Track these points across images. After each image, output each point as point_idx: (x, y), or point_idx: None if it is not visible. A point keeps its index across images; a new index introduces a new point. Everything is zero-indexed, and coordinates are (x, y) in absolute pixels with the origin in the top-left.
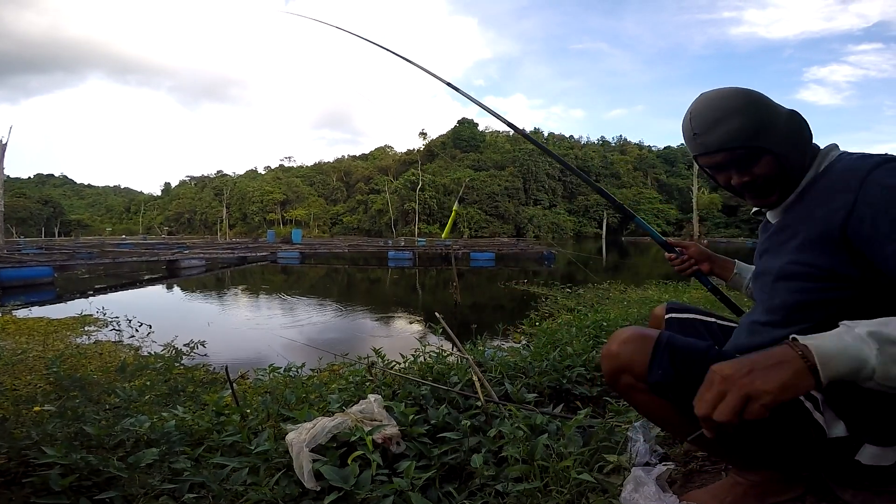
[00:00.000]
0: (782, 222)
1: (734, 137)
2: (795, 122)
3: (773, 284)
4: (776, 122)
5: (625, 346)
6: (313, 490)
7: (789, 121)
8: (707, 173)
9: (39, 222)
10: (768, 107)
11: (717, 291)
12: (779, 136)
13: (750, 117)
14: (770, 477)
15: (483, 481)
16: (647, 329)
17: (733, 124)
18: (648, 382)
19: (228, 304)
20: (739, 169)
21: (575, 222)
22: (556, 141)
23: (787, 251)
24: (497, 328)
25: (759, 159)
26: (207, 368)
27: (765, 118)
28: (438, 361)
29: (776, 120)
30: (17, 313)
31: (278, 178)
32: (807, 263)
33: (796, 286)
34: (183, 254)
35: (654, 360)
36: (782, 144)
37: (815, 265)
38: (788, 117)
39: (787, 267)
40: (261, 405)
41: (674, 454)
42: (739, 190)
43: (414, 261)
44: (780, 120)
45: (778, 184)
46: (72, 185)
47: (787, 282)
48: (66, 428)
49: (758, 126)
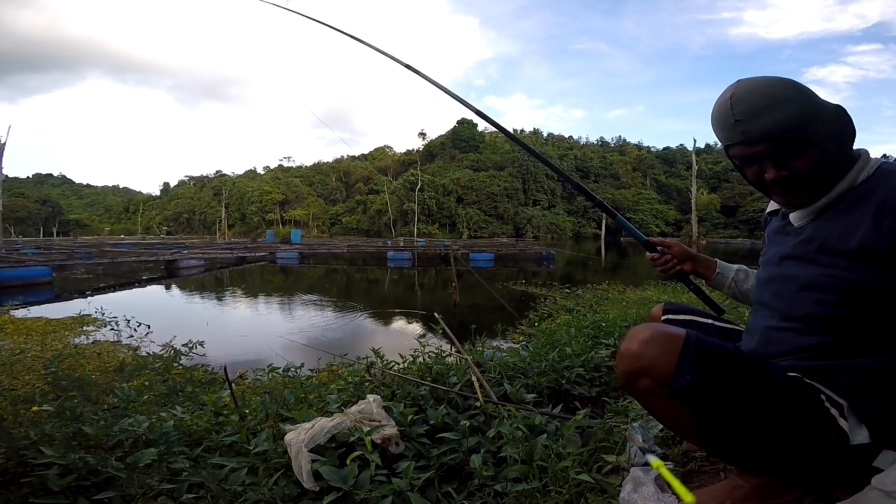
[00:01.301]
0: (816, 229)
1: (782, 128)
2: (842, 118)
3: (798, 293)
4: (825, 116)
5: (648, 347)
6: (312, 490)
7: (836, 116)
8: (735, 164)
9: (38, 222)
10: (816, 99)
11: (699, 292)
12: (826, 130)
13: (800, 108)
14: (772, 480)
15: (482, 481)
16: (672, 327)
17: (783, 113)
18: (674, 389)
19: (227, 305)
20: (778, 162)
21: (574, 223)
22: (556, 141)
23: (822, 262)
24: (496, 328)
25: (804, 153)
26: (206, 369)
27: (814, 110)
28: (437, 362)
29: (824, 114)
30: (15, 313)
31: (277, 178)
32: (843, 278)
33: (826, 297)
34: (182, 254)
35: (681, 363)
36: (829, 140)
37: (852, 281)
38: (836, 112)
39: (820, 278)
40: (259, 405)
41: (672, 454)
42: (769, 185)
43: (413, 261)
44: (829, 114)
45: (815, 182)
46: (70, 184)
47: (815, 292)
48: (64, 428)
49: (807, 118)
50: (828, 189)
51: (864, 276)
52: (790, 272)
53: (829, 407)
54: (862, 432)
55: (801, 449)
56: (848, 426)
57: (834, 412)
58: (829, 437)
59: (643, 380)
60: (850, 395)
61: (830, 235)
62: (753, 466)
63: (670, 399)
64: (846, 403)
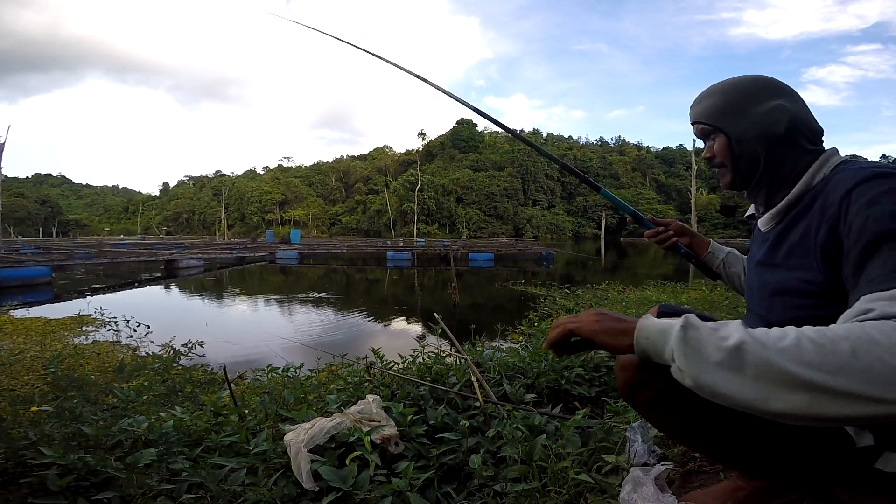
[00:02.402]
0: (779, 234)
1: (702, 114)
2: (773, 116)
3: (770, 299)
4: (748, 111)
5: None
6: (311, 490)
7: (766, 113)
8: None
9: (37, 222)
10: (752, 95)
11: (690, 256)
12: (743, 122)
13: (726, 100)
14: (772, 482)
15: (482, 482)
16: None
17: (710, 102)
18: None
19: (226, 305)
20: (705, 144)
21: (574, 223)
22: (556, 141)
23: (782, 266)
24: (496, 328)
25: (713, 139)
26: (205, 369)
27: (738, 103)
28: (437, 362)
29: (751, 108)
30: (14, 313)
31: (277, 178)
32: (802, 279)
33: (792, 302)
34: (181, 254)
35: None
36: (743, 132)
37: (810, 281)
38: (768, 110)
39: (787, 282)
40: (259, 406)
41: (672, 455)
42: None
43: (413, 261)
44: (757, 109)
45: (731, 170)
46: (70, 184)
47: (782, 297)
48: (63, 428)
49: (726, 109)
50: (782, 188)
51: (819, 275)
52: (763, 278)
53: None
54: (867, 435)
55: (803, 452)
56: (853, 430)
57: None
58: (833, 441)
59: (645, 392)
60: None
61: (792, 239)
62: (755, 471)
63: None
64: None
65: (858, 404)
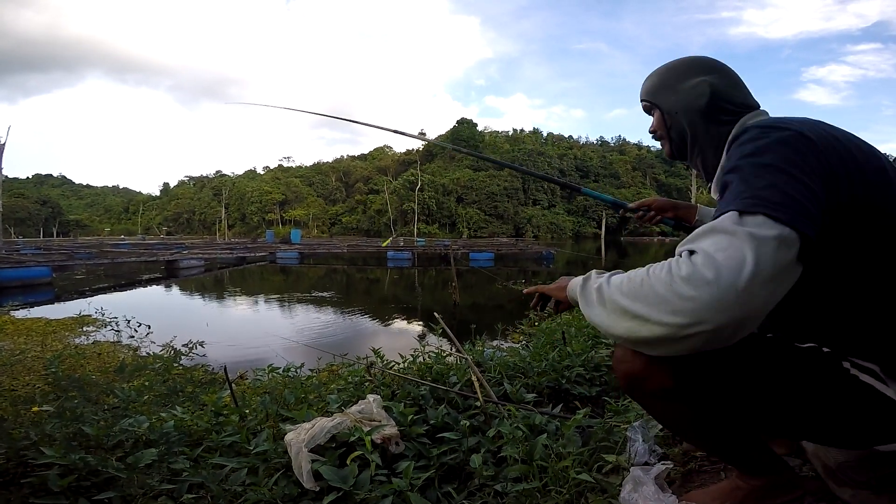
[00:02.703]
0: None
1: (643, 92)
2: (696, 91)
3: None
4: (677, 87)
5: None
6: (312, 490)
7: (691, 89)
8: None
9: (38, 222)
10: (681, 73)
11: (681, 227)
12: (672, 97)
13: (660, 78)
14: (772, 481)
15: (482, 481)
16: None
17: (650, 82)
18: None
19: (227, 305)
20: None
21: (574, 222)
22: (556, 141)
23: None
24: (496, 328)
25: (651, 114)
26: (206, 369)
27: (669, 80)
28: (437, 361)
29: (679, 85)
30: (15, 314)
31: (277, 178)
32: None
33: None
34: (182, 254)
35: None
36: (672, 106)
37: None
38: (692, 86)
39: None
40: (260, 405)
41: (672, 454)
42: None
43: (413, 261)
44: (684, 86)
45: (668, 140)
46: (70, 185)
47: None
48: (64, 428)
49: (660, 86)
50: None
51: None
52: None
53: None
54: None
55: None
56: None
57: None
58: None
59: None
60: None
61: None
62: (755, 467)
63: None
64: (877, 367)
65: (645, 324)
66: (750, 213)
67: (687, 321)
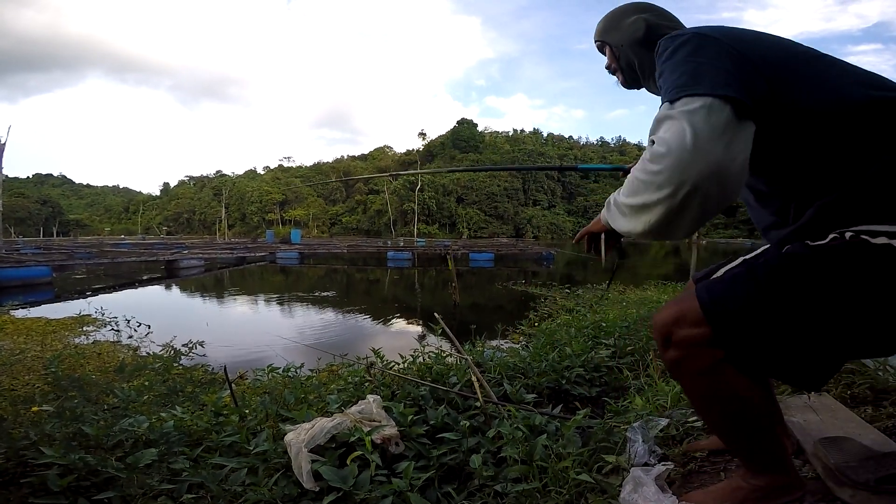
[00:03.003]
0: None
1: (595, 34)
2: (634, 25)
3: None
4: (619, 25)
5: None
6: (312, 490)
7: (630, 24)
8: None
9: (38, 222)
10: (623, 13)
11: None
12: (617, 34)
13: (606, 21)
14: (774, 481)
15: (482, 482)
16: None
17: (600, 25)
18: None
19: (227, 305)
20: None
21: (574, 223)
22: (556, 141)
23: None
24: (496, 328)
25: (605, 51)
26: (206, 369)
27: (613, 20)
28: (437, 362)
29: (621, 23)
30: (15, 313)
31: (277, 178)
32: None
33: None
34: (182, 254)
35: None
36: (618, 41)
37: None
38: (631, 22)
39: None
40: (259, 406)
41: (672, 455)
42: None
43: (413, 261)
44: (625, 23)
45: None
46: (70, 184)
47: None
48: (64, 428)
49: (607, 26)
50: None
51: None
52: None
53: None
54: None
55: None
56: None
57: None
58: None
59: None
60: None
61: None
62: (765, 463)
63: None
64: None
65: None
66: (676, 99)
67: (670, 188)
